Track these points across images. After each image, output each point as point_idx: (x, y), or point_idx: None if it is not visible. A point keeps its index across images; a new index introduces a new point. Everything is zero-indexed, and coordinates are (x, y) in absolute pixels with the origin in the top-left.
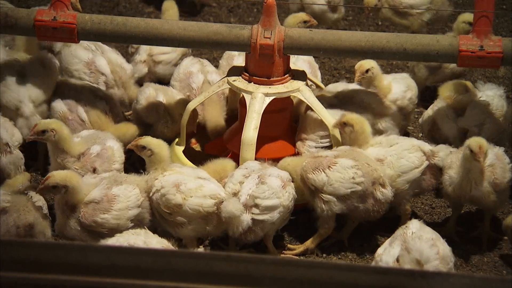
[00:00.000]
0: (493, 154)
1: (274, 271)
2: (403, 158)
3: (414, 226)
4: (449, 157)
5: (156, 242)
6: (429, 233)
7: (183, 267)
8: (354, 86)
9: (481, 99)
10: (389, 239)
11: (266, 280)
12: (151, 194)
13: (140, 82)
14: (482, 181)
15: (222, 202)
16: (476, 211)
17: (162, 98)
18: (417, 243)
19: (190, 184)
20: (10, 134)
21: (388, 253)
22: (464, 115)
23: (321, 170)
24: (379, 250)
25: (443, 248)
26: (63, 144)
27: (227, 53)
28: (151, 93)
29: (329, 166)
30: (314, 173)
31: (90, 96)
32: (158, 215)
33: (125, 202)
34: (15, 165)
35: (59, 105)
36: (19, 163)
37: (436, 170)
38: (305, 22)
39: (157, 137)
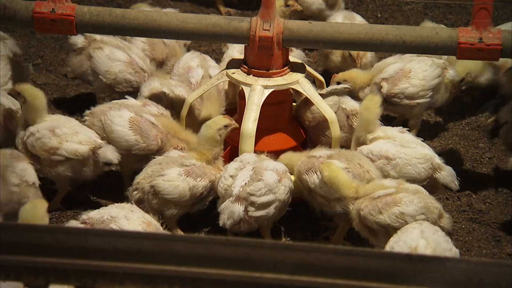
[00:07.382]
0: None
1: (273, 255)
2: (411, 167)
3: (426, 225)
4: None
5: (137, 217)
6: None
7: (183, 251)
8: None
9: None
10: (399, 233)
11: (265, 264)
12: (25, 138)
13: None
14: None
15: (100, 147)
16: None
17: (166, 92)
18: (435, 236)
19: (66, 129)
20: (11, 100)
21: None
22: None
23: (313, 171)
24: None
25: (455, 248)
26: None
27: (228, 55)
28: (156, 86)
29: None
30: (307, 174)
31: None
32: (31, 156)
33: None
34: None
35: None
36: None
37: (434, 183)
38: (287, 5)
39: None
